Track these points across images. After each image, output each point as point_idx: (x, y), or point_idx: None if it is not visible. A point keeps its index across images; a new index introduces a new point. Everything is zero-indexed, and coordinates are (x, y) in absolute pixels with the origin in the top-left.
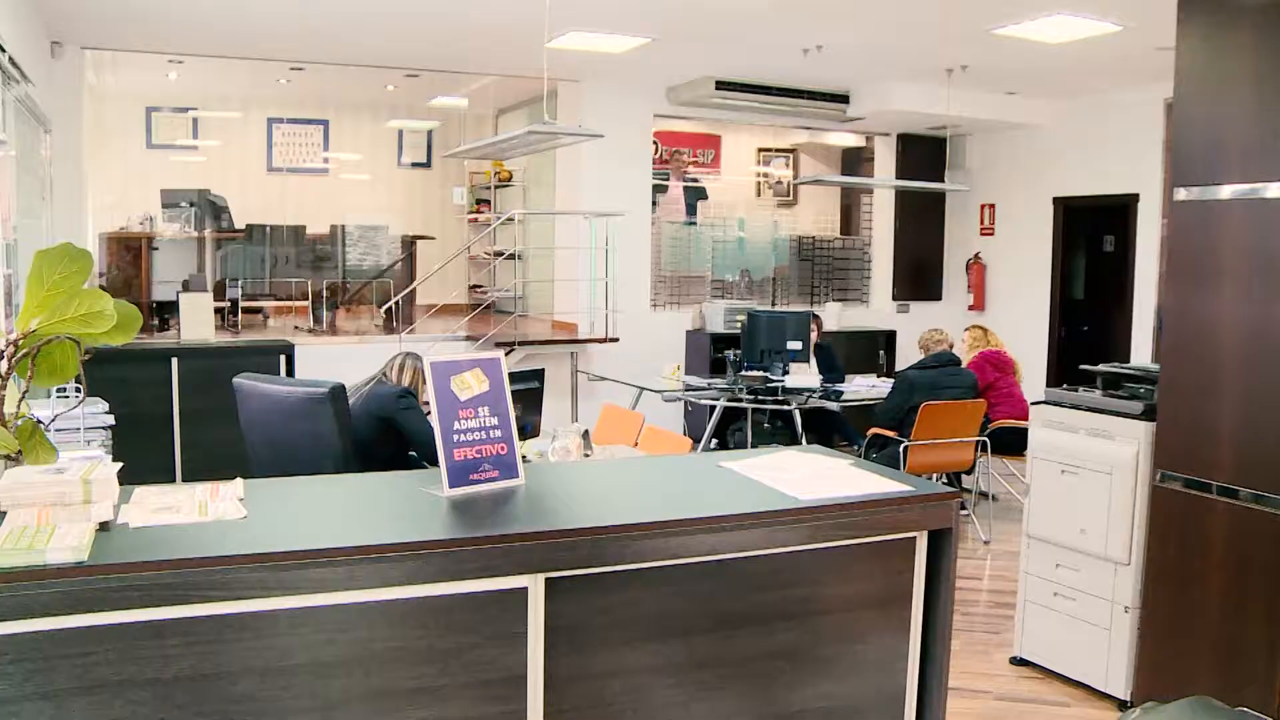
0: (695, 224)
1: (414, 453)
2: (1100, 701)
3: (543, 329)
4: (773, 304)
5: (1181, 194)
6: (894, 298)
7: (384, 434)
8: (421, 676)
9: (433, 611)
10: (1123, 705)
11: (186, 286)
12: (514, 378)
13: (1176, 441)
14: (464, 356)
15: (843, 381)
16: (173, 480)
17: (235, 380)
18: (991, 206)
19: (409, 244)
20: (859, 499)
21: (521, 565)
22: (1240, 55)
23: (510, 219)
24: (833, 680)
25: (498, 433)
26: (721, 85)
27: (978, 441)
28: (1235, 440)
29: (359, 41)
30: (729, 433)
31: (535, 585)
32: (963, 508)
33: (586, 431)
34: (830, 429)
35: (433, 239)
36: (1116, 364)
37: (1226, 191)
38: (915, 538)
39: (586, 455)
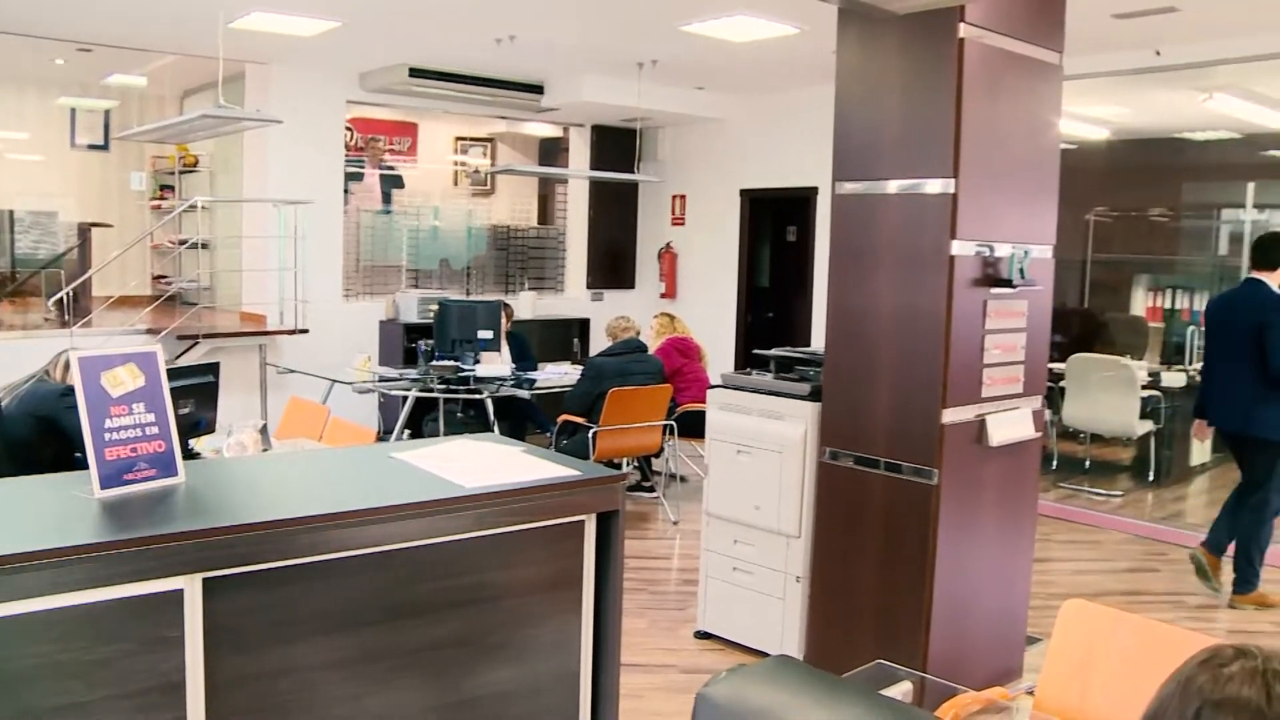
0: (391, 212)
1: (80, 454)
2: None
3: (230, 321)
4: (467, 293)
5: (841, 187)
6: (588, 286)
7: (45, 435)
8: (66, 693)
9: (78, 621)
10: None
11: None
12: (186, 372)
13: (839, 420)
14: (116, 351)
15: (535, 370)
16: None
17: None
18: (682, 197)
19: (84, 231)
20: (526, 485)
21: (176, 566)
22: (889, 60)
23: (194, 206)
24: (508, 665)
25: (154, 430)
26: (415, 72)
27: (665, 425)
28: (889, 418)
29: (19, 7)
30: (424, 423)
31: (192, 586)
32: (652, 490)
33: (264, 426)
34: (523, 417)
35: (110, 226)
36: (788, 348)
37: (881, 186)
38: (584, 520)
39: (265, 451)
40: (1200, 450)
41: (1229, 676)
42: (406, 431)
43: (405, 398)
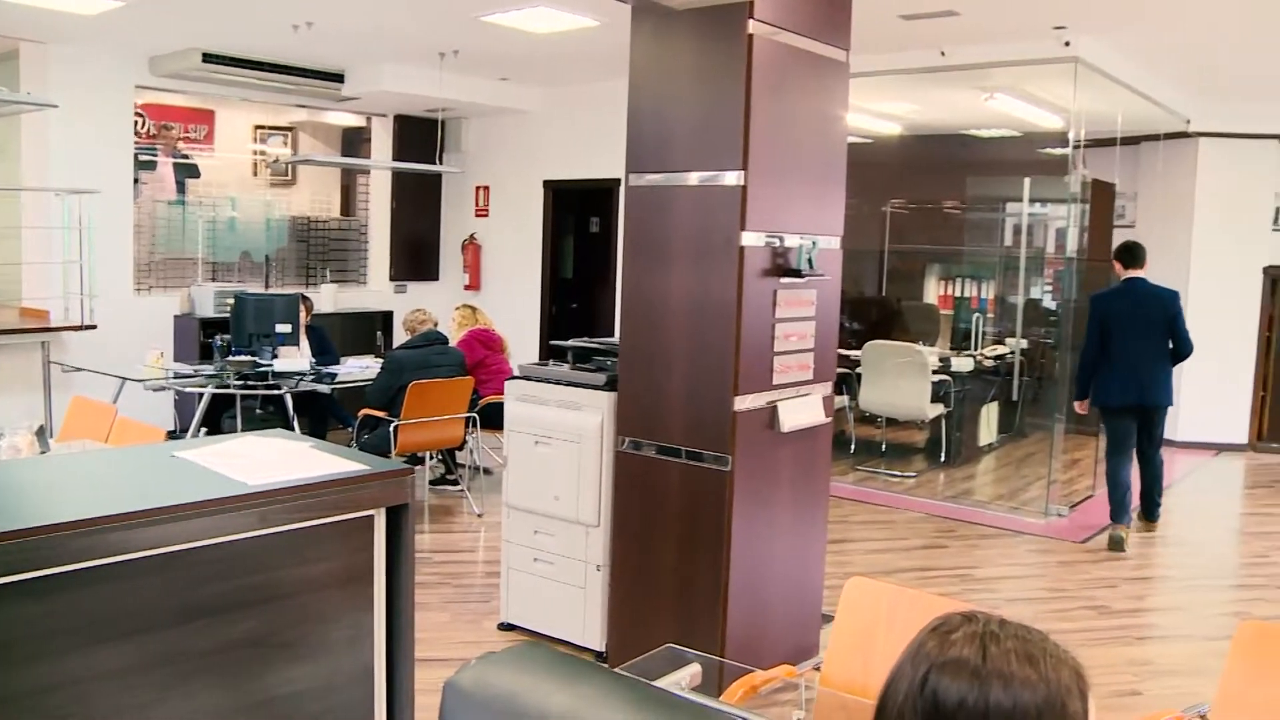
0: (185, 203)
1: None
2: (580, 656)
3: (9, 317)
4: (267, 286)
5: (635, 180)
6: (392, 278)
7: None
8: None
9: None
10: (600, 657)
11: None
12: None
13: (635, 409)
14: None
15: (336, 363)
16: None
17: None
18: (486, 188)
19: None
20: (312, 481)
21: None
22: (681, 54)
23: None
24: (301, 664)
25: None
26: (209, 58)
27: (468, 418)
28: (683, 407)
29: None
30: (222, 421)
31: None
32: (456, 483)
33: (42, 428)
34: (325, 412)
35: None
36: (586, 339)
37: (673, 179)
38: (373, 515)
39: (42, 453)
40: (987, 432)
41: (953, 641)
42: (203, 430)
43: (201, 395)
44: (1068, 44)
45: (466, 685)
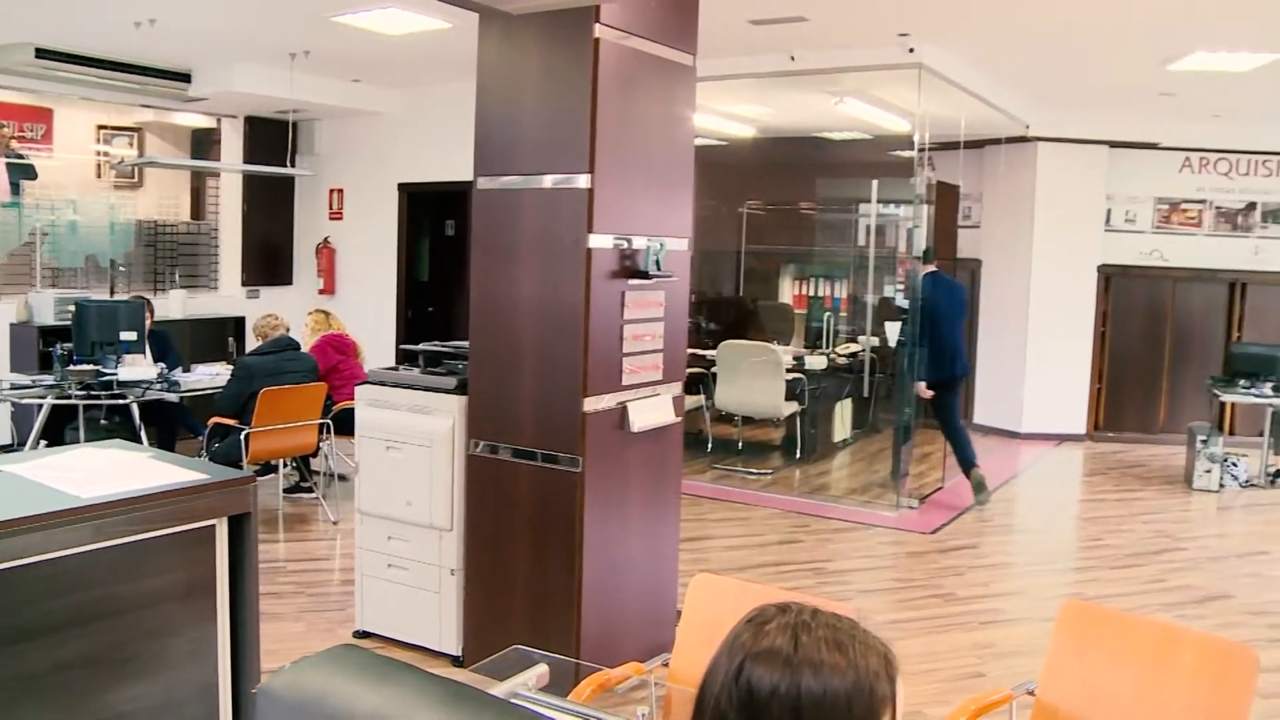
0: (20, 205)
1: None
2: (437, 661)
3: None
4: (111, 292)
5: (484, 182)
6: (244, 283)
7: None
8: None
9: None
10: (456, 661)
11: None
12: None
13: (485, 412)
14: None
15: (182, 370)
16: None
17: None
18: (340, 191)
19: None
20: (149, 491)
21: None
22: (528, 58)
23: None
24: (141, 680)
25: None
26: (43, 54)
27: (321, 424)
28: (533, 408)
29: None
30: (65, 433)
31: None
32: (311, 491)
33: None
34: (173, 421)
35: None
36: (437, 343)
37: (521, 181)
38: (214, 525)
39: None
40: (841, 428)
41: (766, 632)
42: (43, 442)
43: (40, 406)
44: (912, 50)
45: (278, 690)
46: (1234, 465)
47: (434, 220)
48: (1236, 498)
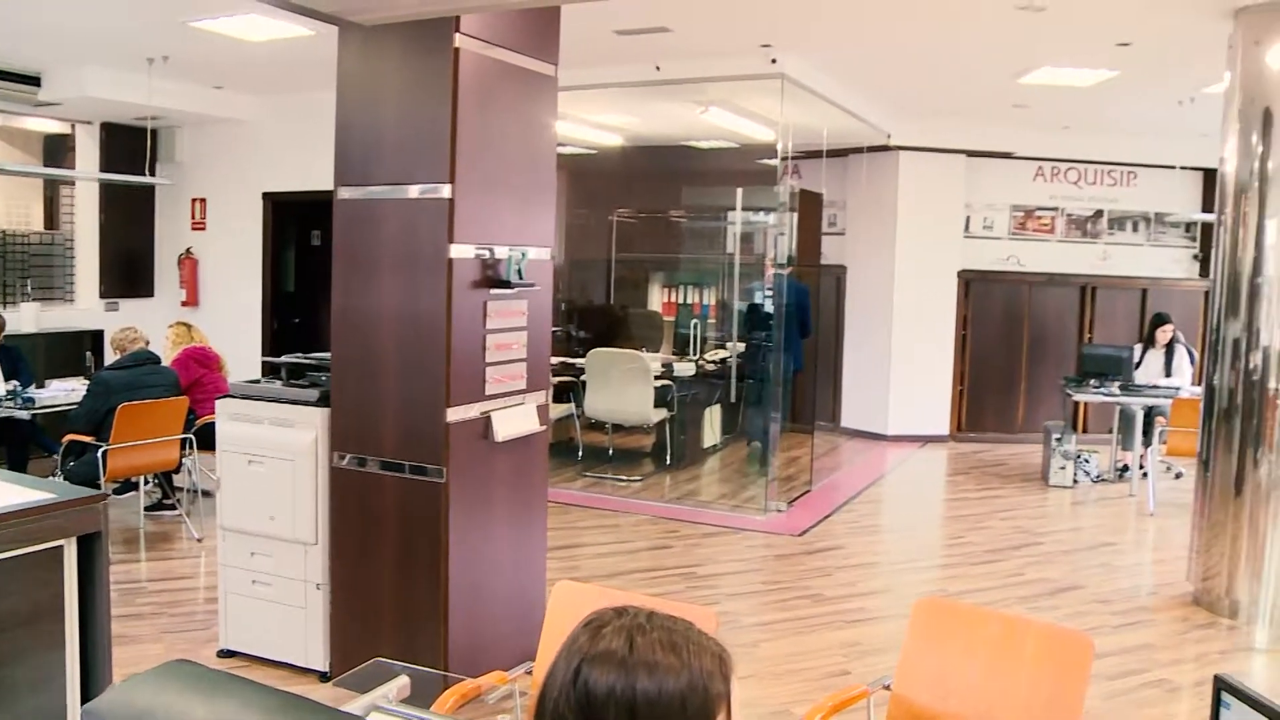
0: None
1: None
2: (303, 678)
3: None
4: None
5: (345, 193)
6: (102, 295)
7: None
8: None
9: None
10: (324, 677)
11: None
12: None
13: (348, 424)
14: None
15: (38, 387)
16: None
17: None
18: (203, 201)
19: None
20: None
21: None
22: (388, 67)
23: None
24: None
25: None
26: None
27: (183, 439)
28: (397, 420)
29: None
30: None
31: None
32: (174, 508)
33: None
34: (25, 440)
35: None
36: (300, 355)
37: (381, 191)
38: (62, 546)
39: None
40: (711, 434)
41: (603, 635)
42: None
43: None
44: (774, 61)
45: (104, 709)
46: (1086, 461)
47: (300, 230)
48: (1089, 492)
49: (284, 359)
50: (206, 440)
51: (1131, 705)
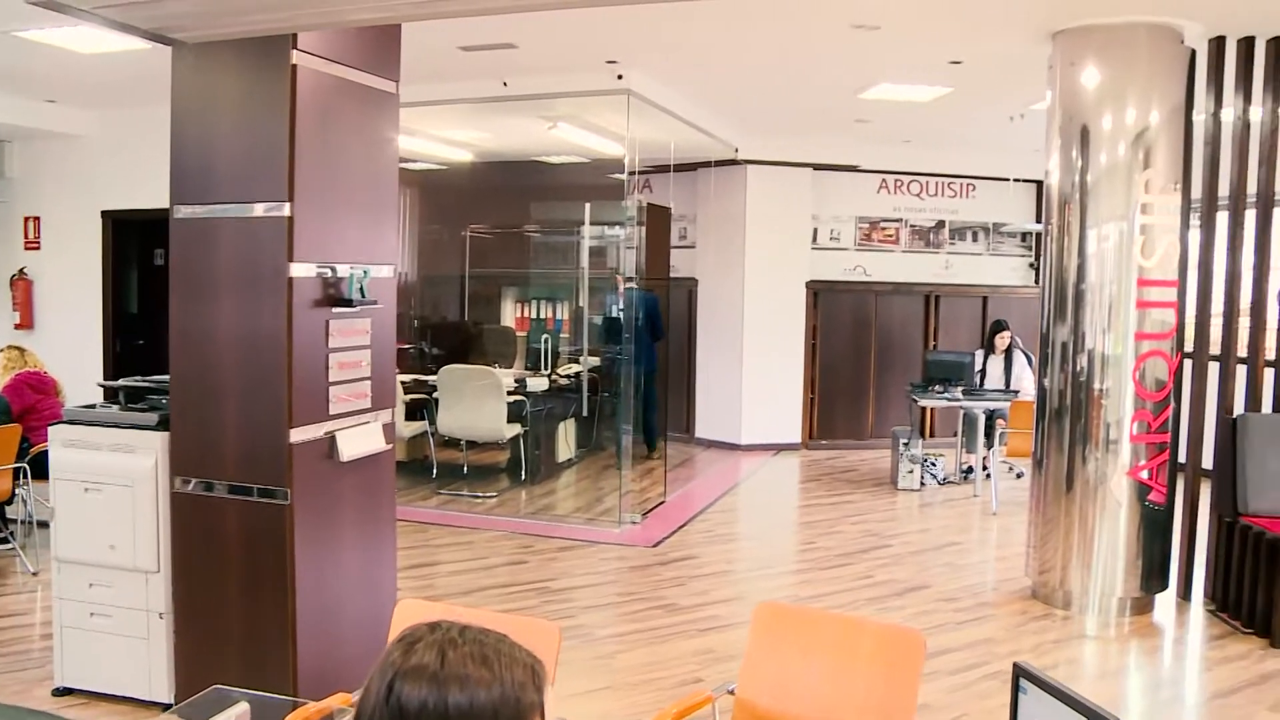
0: None
1: None
2: (146, 711)
3: None
4: None
5: (181, 211)
6: None
7: None
8: None
9: None
10: (167, 709)
11: None
12: None
13: (190, 448)
14: None
15: None
16: None
17: None
18: (37, 219)
19: None
20: None
21: None
22: (224, 83)
23: None
24: None
25: None
26: None
27: (17, 469)
28: (238, 442)
29: None
30: None
31: None
32: (7, 541)
33: None
34: None
35: None
36: (139, 378)
37: (218, 210)
38: None
39: None
40: (565, 448)
41: (415, 650)
42: None
43: None
44: (620, 77)
45: None
46: (933, 465)
47: (142, 249)
48: (936, 494)
49: (121, 382)
50: (42, 469)
51: (973, 697)
